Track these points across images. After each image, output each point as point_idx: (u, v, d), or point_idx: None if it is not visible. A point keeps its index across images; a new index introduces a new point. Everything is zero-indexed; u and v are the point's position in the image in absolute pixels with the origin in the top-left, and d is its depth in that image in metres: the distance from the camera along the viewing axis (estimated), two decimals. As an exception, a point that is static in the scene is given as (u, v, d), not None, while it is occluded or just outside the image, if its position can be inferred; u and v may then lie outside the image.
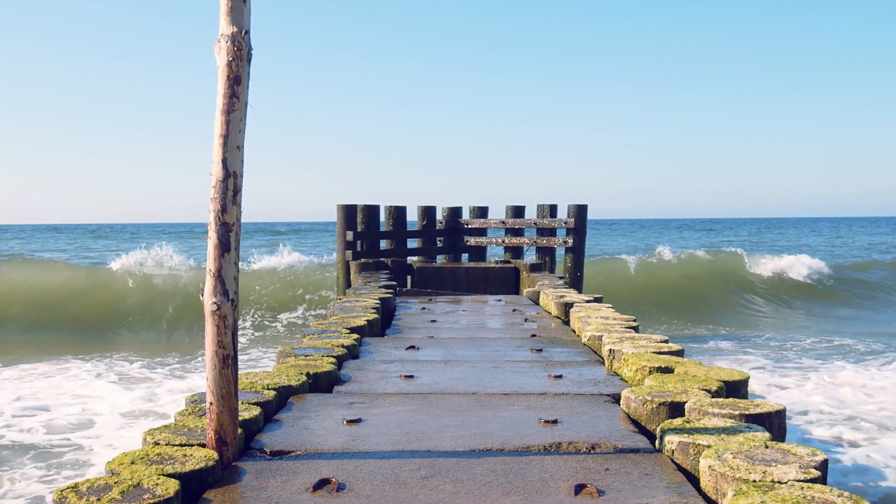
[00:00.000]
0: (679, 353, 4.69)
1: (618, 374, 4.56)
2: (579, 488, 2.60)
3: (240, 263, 2.93)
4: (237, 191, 2.83)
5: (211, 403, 2.86)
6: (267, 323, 14.65)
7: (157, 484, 2.43)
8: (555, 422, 3.41)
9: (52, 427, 7.27)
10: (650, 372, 4.19)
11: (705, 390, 3.62)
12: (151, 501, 2.31)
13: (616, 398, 3.90)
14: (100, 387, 9.04)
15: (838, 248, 37.42)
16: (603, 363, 4.94)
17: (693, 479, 2.74)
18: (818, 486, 2.34)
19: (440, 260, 13.35)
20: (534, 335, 6.29)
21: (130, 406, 8.05)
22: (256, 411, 3.33)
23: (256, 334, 13.70)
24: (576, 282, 12.31)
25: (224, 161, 2.81)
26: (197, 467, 2.63)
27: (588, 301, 7.51)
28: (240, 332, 3.07)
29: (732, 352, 11.80)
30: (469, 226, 13.39)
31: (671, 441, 2.93)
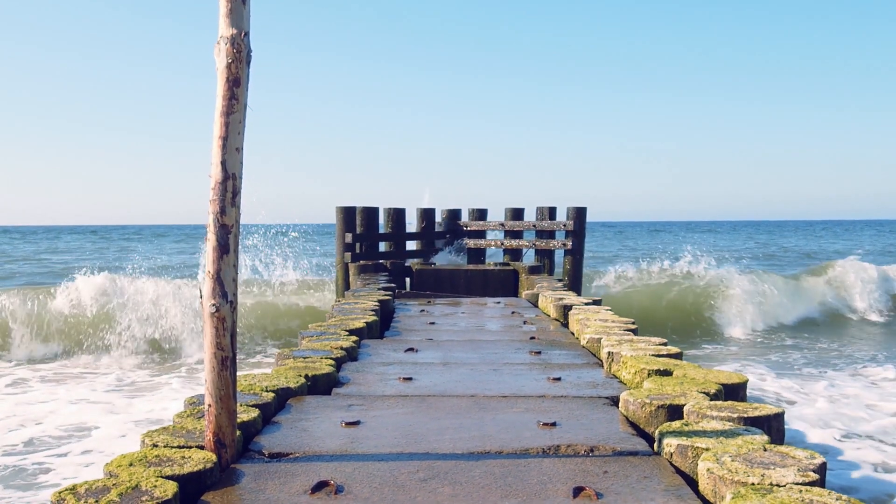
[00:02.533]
0: (678, 356, 4.69)
1: (616, 377, 4.56)
2: (578, 491, 2.60)
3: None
4: (236, 193, 2.83)
5: (209, 405, 2.85)
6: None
7: (155, 486, 2.43)
8: (553, 424, 3.41)
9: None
10: (649, 374, 4.19)
11: (704, 393, 3.62)
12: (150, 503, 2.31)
13: (615, 401, 3.90)
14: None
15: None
16: (602, 366, 4.94)
17: (691, 482, 2.74)
18: (816, 490, 2.34)
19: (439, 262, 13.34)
20: (532, 337, 6.29)
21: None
22: (255, 413, 3.33)
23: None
24: (575, 284, 12.31)
25: (223, 163, 2.81)
26: (195, 469, 2.63)
27: (587, 304, 7.51)
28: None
29: None
30: (468, 228, 13.39)
31: (670, 444, 2.93)
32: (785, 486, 2.39)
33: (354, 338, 5.46)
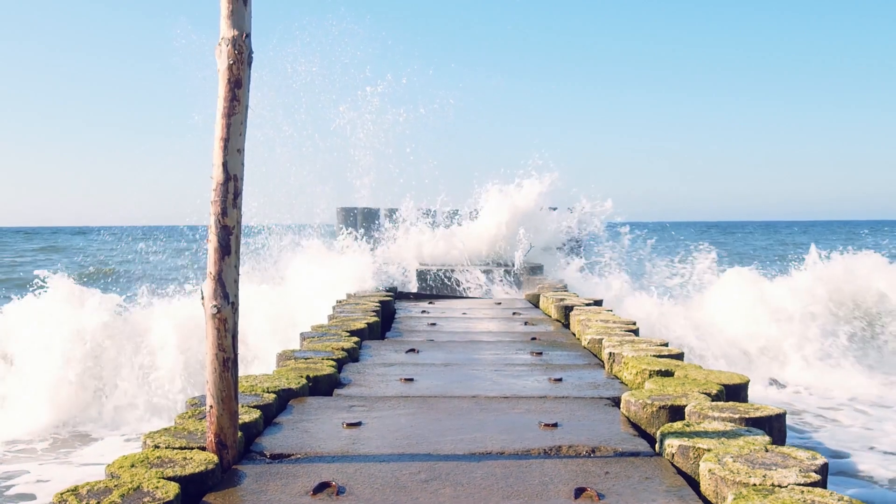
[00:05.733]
0: (679, 357, 4.68)
1: (618, 378, 4.56)
2: (579, 492, 2.60)
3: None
4: (237, 194, 2.84)
5: (211, 406, 2.85)
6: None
7: (156, 487, 2.43)
8: (555, 425, 3.41)
9: None
10: (650, 375, 4.19)
11: (705, 394, 3.62)
12: (151, 505, 2.31)
13: (616, 401, 3.89)
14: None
15: None
16: (603, 366, 4.94)
17: (693, 483, 2.74)
18: (818, 490, 2.34)
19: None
20: (534, 338, 6.29)
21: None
22: (256, 414, 3.33)
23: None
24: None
25: (224, 164, 2.81)
26: (197, 470, 2.63)
27: (588, 304, 7.51)
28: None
29: None
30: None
31: (671, 444, 2.93)
32: (787, 486, 2.39)
33: (355, 339, 5.46)
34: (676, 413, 3.40)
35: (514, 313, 8.14)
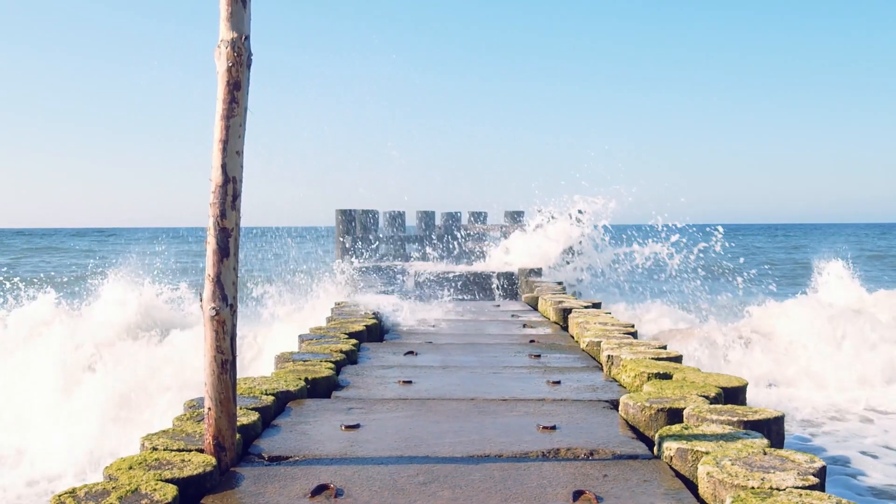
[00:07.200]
0: (677, 360, 4.69)
1: (616, 380, 4.56)
2: (578, 495, 2.60)
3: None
4: (236, 196, 2.84)
5: (209, 408, 2.85)
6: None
7: (155, 489, 2.43)
8: (553, 428, 3.41)
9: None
10: (648, 378, 4.19)
11: (704, 396, 3.62)
12: (149, 507, 2.30)
13: (614, 404, 3.89)
14: None
15: None
16: (601, 369, 4.94)
17: (691, 486, 2.74)
18: (816, 493, 2.34)
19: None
20: (532, 341, 6.29)
21: None
22: (255, 417, 3.33)
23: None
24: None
25: (223, 166, 2.81)
26: (195, 473, 2.63)
27: (586, 307, 7.51)
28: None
29: None
30: (468, 231, 13.40)
31: (669, 447, 2.93)
32: (785, 489, 2.39)
33: (354, 341, 5.46)
34: (675, 416, 3.40)
35: (512, 316, 8.14)
